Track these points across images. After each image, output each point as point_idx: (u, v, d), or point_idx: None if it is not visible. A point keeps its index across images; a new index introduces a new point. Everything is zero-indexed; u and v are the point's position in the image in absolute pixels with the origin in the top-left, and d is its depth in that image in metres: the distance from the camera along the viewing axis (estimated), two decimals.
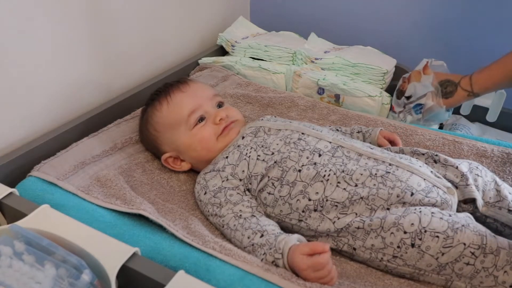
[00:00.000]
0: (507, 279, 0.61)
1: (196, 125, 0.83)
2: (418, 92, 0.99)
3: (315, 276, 0.60)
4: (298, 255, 0.61)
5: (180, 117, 0.83)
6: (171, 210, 0.75)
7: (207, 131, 0.83)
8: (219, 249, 0.64)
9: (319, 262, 0.60)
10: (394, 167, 0.72)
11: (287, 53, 1.19)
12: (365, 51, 1.20)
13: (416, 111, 1.00)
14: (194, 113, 0.83)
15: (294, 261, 0.61)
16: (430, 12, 1.22)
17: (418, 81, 1.00)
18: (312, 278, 0.60)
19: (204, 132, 0.83)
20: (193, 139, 0.83)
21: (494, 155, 0.88)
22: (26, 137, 0.84)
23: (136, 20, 1.03)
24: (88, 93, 0.95)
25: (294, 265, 0.62)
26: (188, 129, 0.83)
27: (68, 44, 0.88)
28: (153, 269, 0.57)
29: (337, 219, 0.70)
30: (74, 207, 0.70)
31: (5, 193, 0.68)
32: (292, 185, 0.73)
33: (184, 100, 0.84)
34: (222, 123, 0.83)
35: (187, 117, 0.83)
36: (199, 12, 1.24)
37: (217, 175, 0.78)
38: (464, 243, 0.63)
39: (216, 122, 0.83)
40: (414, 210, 0.67)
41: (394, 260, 0.66)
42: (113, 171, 0.81)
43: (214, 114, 0.84)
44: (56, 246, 0.55)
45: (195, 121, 0.83)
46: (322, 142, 0.77)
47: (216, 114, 0.83)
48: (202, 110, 0.84)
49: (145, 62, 1.09)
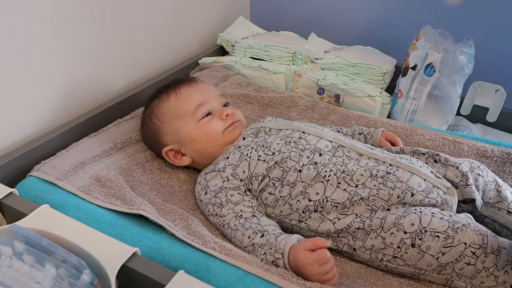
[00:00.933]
0: (508, 279, 0.61)
1: (203, 118, 0.83)
2: (420, 55, 1.00)
3: (320, 270, 0.60)
4: (301, 251, 0.62)
5: (187, 108, 0.83)
6: (171, 210, 0.75)
7: (214, 124, 0.83)
8: (219, 249, 0.64)
9: (324, 255, 0.60)
10: (395, 168, 0.72)
11: (287, 53, 1.19)
12: (365, 51, 1.20)
13: (429, 73, 1.00)
14: (202, 106, 0.84)
15: (297, 257, 0.61)
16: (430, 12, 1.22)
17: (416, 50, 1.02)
18: (317, 272, 0.60)
19: (211, 125, 0.83)
20: (198, 131, 0.83)
21: (494, 155, 0.88)
22: (26, 137, 0.84)
23: (136, 20, 1.03)
24: (88, 93, 0.95)
25: (298, 262, 0.61)
26: (195, 121, 0.83)
27: (68, 44, 0.88)
28: (153, 269, 0.57)
29: (337, 219, 0.70)
30: (74, 207, 0.70)
31: (5, 193, 0.68)
32: (293, 186, 0.73)
33: (192, 93, 0.85)
34: (229, 119, 0.84)
35: (195, 109, 0.83)
36: (199, 12, 1.24)
37: (218, 175, 0.78)
38: (465, 243, 0.62)
39: (223, 118, 0.84)
40: (414, 210, 0.67)
41: (394, 260, 0.66)
42: (113, 171, 0.81)
43: (220, 111, 0.85)
44: (56, 246, 0.55)
45: (202, 115, 0.83)
46: (322, 141, 0.77)
47: (223, 111, 0.84)
48: (209, 105, 0.85)
49: (145, 62, 1.09)
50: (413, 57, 1.03)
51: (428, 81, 1.01)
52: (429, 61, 0.99)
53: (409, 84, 1.04)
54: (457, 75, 0.99)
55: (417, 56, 1.02)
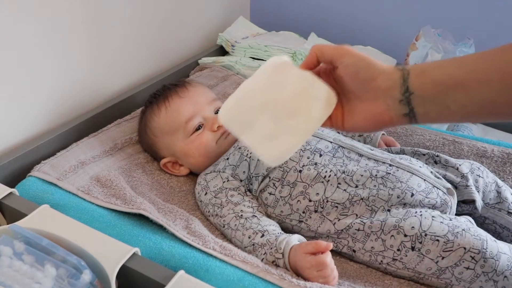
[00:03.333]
0: (507, 284, 0.61)
1: (194, 132, 0.82)
2: (420, 55, 1.00)
3: (318, 275, 0.60)
4: (301, 253, 0.61)
5: (177, 123, 0.82)
6: (171, 210, 0.75)
7: (205, 138, 0.82)
8: (219, 250, 0.64)
9: (322, 261, 0.60)
10: (395, 168, 0.72)
11: (287, 53, 1.19)
12: (365, 51, 1.20)
13: None
14: (192, 120, 0.82)
15: (297, 259, 0.61)
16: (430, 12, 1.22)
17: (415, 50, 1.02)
18: (315, 276, 0.60)
19: (202, 140, 0.82)
20: (190, 146, 0.82)
21: (494, 155, 0.88)
22: (26, 137, 0.84)
23: (136, 20, 1.03)
24: (88, 93, 0.95)
25: (296, 264, 0.61)
26: (186, 136, 0.82)
27: (68, 44, 0.88)
28: (153, 269, 0.57)
29: (338, 220, 0.70)
30: (74, 207, 0.70)
31: (5, 193, 0.68)
32: (293, 186, 0.73)
33: (182, 106, 0.83)
34: (220, 130, 0.82)
35: (185, 124, 0.82)
36: (199, 12, 1.24)
37: (218, 175, 0.78)
38: (464, 247, 0.62)
39: (214, 129, 0.82)
40: (414, 213, 0.67)
41: (393, 263, 0.66)
42: (113, 171, 0.81)
43: (211, 122, 0.82)
44: (56, 246, 0.55)
45: (193, 129, 0.82)
46: (323, 142, 0.77)
47: (214, 122, 0.82)
48: (200, 116, 0.83)
49: (145, 62, 1.09)
50: (413, 57, 1.03)
51: None
52: (429, 60, 0.99)
53: None
54: None
55: (417, 56, 1.02)
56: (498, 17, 1.14)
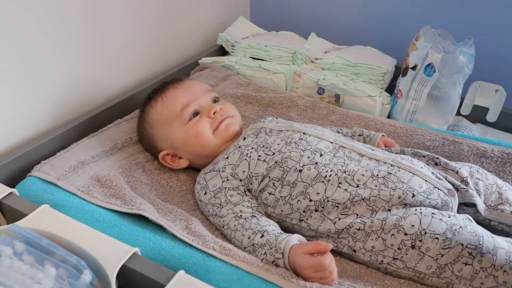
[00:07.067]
0: (508, 279, 0.61)
1: (191, 119, 0.83)
2: (420, 55, 1.00)
3: (315, 276, 0.60)
4: (300, 253, 0.61)
5: (173, 112, 0.83)
6: (171, 210, 0.75)
7: (202, 125, 0.82)
8: (219, 249, 0.64)
9: (321, 263, 0.60)
10: (396, 168, 0.72)
11: (287, 53, 1.19)
12: (365, 51, 1.20)
13: (429, 73, 0.99)
14: (188, 107, 0.83)
15: (296, 259, 0.61)
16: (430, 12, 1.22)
17: (415, 50, 1.02)
18: (312, 277, 0.60)
19: (199, 127, 0.82)
20: (188, 133, 0.82)
21: (494, 155, 0.88)
22: (26, 137, 0.84)
23: (136, 20, 1.03)
24: (88, 93, 0.95)
25: (295, 264, 0.61)
26: (183, 123, 0.83)
27: (68, 44, 0.88)
28: (153, 269, 0.57)
29: (338, 219, 0.70)
30: (74, 207, 0.70)
31: (5, 193, 0.68)
32: (293, 186, 0.73)
33: (177, 95, 0.85)
34: (217, 116, 0.83)
35: (181, 112, 0.83)
36: (199, 12, 1.24)
37: (217, 175, 0.78)
38: (462, 244, 0.63)
39: (211, 116, 0.83)
40: (414, 211, 0.67)
41: (394, 262, 0.66)
42: (113, 171, 0.81)
43: (208, 108, 0.83)
44: (56, 246, 0.55)
45: (189, 116, 0.83)
46: (323, 142, 0.77)
47: (211, 108, 0.83)
48: (196, 104, 0.84)
49: (145, 62, 1.09)
50: (413, 57, 1.03)
51: (428, 81, 1.01)
52: (429, 61, 0.99)
53: (409, 84, 1.04)
54: (457, 75, 0.99)
55: (417, 56, 1.02)
56: (498, 17, 1.14)
